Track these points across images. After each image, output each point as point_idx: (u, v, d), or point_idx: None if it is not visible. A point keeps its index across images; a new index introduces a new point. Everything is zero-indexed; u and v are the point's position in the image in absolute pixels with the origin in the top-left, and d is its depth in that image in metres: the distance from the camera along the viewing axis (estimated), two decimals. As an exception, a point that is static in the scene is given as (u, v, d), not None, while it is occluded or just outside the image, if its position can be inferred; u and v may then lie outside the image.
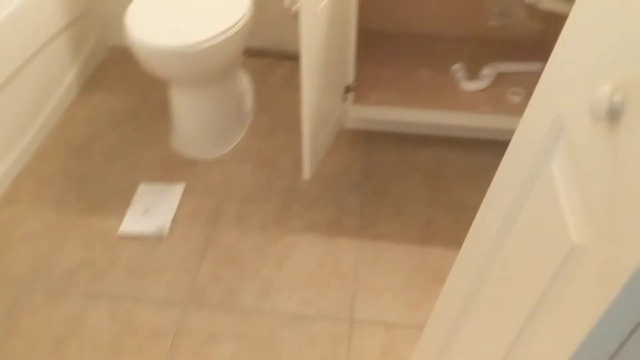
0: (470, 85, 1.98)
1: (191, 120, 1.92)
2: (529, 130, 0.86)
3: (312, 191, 1.85)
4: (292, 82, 2.30)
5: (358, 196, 1.84)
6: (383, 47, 2.20)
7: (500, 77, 2.03)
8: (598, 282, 0.61)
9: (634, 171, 0.57)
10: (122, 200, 1.82)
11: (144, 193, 1.83)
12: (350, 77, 1.84)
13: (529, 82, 2.01)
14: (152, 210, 1.78)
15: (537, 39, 2.12)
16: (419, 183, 1.89)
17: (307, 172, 1.70)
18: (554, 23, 1.98)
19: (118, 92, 2.22)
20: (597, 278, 0.61)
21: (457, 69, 2.03)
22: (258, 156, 1.98)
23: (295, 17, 1.44)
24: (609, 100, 0.60)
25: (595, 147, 0.65)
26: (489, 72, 2.01)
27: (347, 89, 1.86)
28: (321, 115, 1.68)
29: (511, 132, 1.98)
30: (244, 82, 2.16)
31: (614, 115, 0.61)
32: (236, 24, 1.66)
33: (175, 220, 1.77)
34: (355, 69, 1.83)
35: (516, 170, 0.88)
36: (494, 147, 2.00)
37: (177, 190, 1.84)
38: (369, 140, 2.04)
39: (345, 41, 1.74)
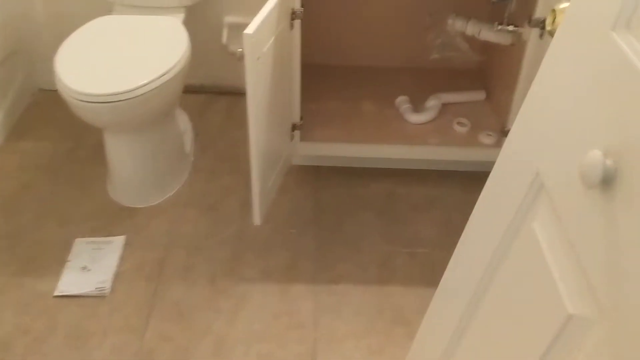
0: (416, 118, 1.96)
1: (128, 166, 1.81)
2: (506, 182, 0.82)
3: (263, 235, 1.77)
4: (233, 118, 2.22)
5: (311, 237, 1.78)
6: (327, 81, 2.16)
7: (445, 108, 2.02)
8: (606, 356, 0.57)
9: (636, 241, 0.53)
10: (57, 258, 1.68)
11: (81, 248, 1.70)
12: (296, 116, 1.79)
13: (474, 112, 2.01)
14: (90, 267, 1.65)
15: (478, 68, 2.14)
16: (371, 218, 1.84)
17: (257, 219, 1.62)
18: (494, 53, 1.99)
19: (48, 138, 2.08)
20: (604, 352, 0.57)
21: (402, 101, 2.01)
22: (203, 200, 1.88)
23: (239, 59, 1.37)
24: (603, 166, 0.56)
25: (586, 214, 0.61)
26: (433, 103, 2.00)
27: (294, 127, 1.81)
28: (270, 158, 1.61)
29: (459, 163, 1.98)
30: (183, 122, 2.07)
31: (606, 181, 0.57)
32: (174, 66, 1.58)
33: (117, 276, 1.65)
34: (300, 106, 1.78)
35: (493, 222, 0.84)
36: (443, 178, 1.99)
37: (117, 243, 1.72)
38: (319, 176, 1.98)
39: (290, 80, 1.68)
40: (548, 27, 0.80)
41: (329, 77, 2.19)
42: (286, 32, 1.55)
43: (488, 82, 2.11)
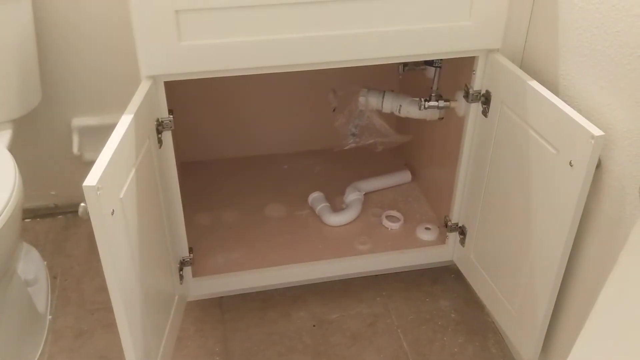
0: (337, 219, 1.57)
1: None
2: None
3: (160, 422, 1.28)
4: None
5: (227, 413, 1.31)
6: (219, 182, 1.72)
7: (368, 199, 1.65)
8: None
9: None
10: None
11: None
12: (183, 250, 1.33)
13: (403, 200, 1.66)
14: None
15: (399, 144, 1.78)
16: (302, 365, 1.41)
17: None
18: (417, 128, 1.65)
19: None
20: None
21: (317, 199, 1.61)
22: (70, 380, 1.36)
23: (83, 217, 0.91)
24: None
25: None
26: (354, 197, 1.62)
27: (183, 264, 1.35)
28: (153, 319, 1.13)
29: (397, 267, 1.60)
30: (31, 266, 1.55)
31: None
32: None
33: None
34: (187, 234, 1.33)
35: None
36: (380, 285, 1.60)
37: None
38: (225, 312, 1.52)
39: (170, 211, 1.23)
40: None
41: (220, 176, 1.75)
42: (153, 153, 1.11)
43: (411, 160, 1.76)
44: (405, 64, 1.46)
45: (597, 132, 0.95)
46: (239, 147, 1.82)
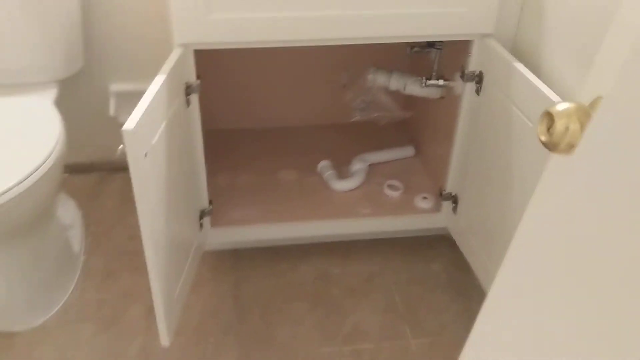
0: (342, 185, 1.72)
1: None
2: None
3: (175, 351, 1.46)
4: (130, 200, 1.86)
5: (235, 347, 1.48)
6: (238, 149, 1.89)
7: (372, 170, 1.80)
8: None
9: None
10: None
11: (-60, 401, 1.33)
12: (204, 201, 1.50)
13: (404, 172, 1.81)
14: None
15: (404, 121, 1.93)
16: (304, 312, 1.57)
17: (165, 338, 1.31)
18: (421, 106, 1.79)
19: None
20: None
21: (325, 167, 1.77)
22: (99, 311, 1.55)
23: (121, 156, 1.08)
24: None
25: None
26: (359, 166, 1.77)
27: (202, 214, 1.52)
28: (174, 259, 1.31)
29: (395, 232, 1.76)
30: (69, 213, 1.73)
31: None
32: (42, 164, 1.26)
33: None
34: (208, 186, 1.50)
35: None
36: (379, 248, 1.75)
37: (-11, 387, 1.36)
38: (238, 262, 1.70)
39: (193, 165, 1.40)
40: (542, 137, 0.57)
41: (239, 143, 1.92)
42: (181, 111, 1.27)
43: (416, 136, 1.91)
44: (412, 47, 1.60)
45: (565, 107, 1.09)
46: (255, 119, 1.98)
